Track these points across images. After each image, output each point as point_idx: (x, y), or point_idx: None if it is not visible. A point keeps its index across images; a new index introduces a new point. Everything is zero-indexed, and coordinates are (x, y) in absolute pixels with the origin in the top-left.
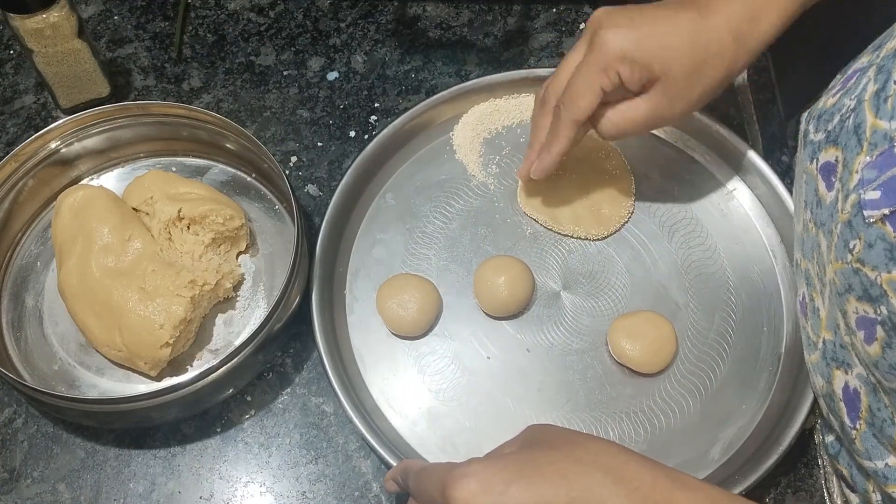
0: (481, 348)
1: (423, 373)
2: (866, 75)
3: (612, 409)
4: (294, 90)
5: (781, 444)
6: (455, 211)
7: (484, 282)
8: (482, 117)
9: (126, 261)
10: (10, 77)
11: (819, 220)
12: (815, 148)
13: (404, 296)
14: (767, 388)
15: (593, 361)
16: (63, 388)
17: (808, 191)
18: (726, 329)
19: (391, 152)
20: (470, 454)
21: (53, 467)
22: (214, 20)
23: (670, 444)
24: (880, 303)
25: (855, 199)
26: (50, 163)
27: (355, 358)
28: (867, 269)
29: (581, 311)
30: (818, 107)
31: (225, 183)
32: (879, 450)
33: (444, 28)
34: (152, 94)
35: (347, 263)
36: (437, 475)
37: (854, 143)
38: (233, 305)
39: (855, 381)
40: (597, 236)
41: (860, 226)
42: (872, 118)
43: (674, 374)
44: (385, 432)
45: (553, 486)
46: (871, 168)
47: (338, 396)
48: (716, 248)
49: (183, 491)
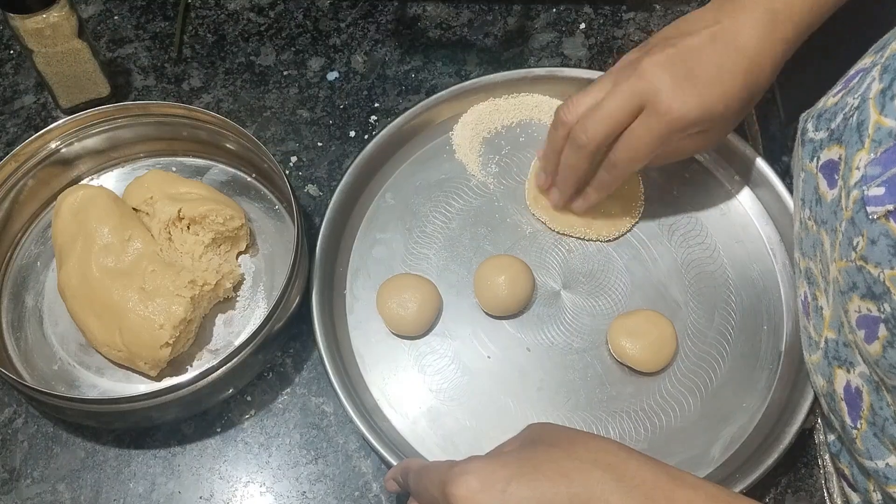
0: (481, 347)
1: (424, 372)
2: (870, 74)
3: (613, 407)
4: (294, 90)
5: (782, 443)
6: (455, 210)
7: (484, 281)
8: (482, 117)
9: (126, 261)
10: (10, 77)
11: (819, 218)
12: (816, 147)
13: (404, 295)
14: (768, 386)
15: (593, 360)
16: (63, 389)
17: (806, 189)
18: (726, 328)
19: (391, 152)
20: (470, 453)
21: (53, 467)
22: (214, 20)
23: (671, 442)
24: (884, 300)
25: (857, 195)
26: (50, 163)
27: (355, 357)
28: (870, 265)
29: (581, 311)
30: (818, 106)
31: (225, 183)
32: (880, 449)
33: (444, 28)
34: (152, 94)
35: (347, 263)
36: (437, 473)
37: (855, 139)
38: (233, 305)
39: (857, 380)
40: (608, 237)
41: (863, 222)
42: (877, 115)
43: (674, 372)
44: (385, 432)
45: (553, 483)
46: (875, 164)
47: (338, 396)
48: (716, 247)
49: (183, 491)
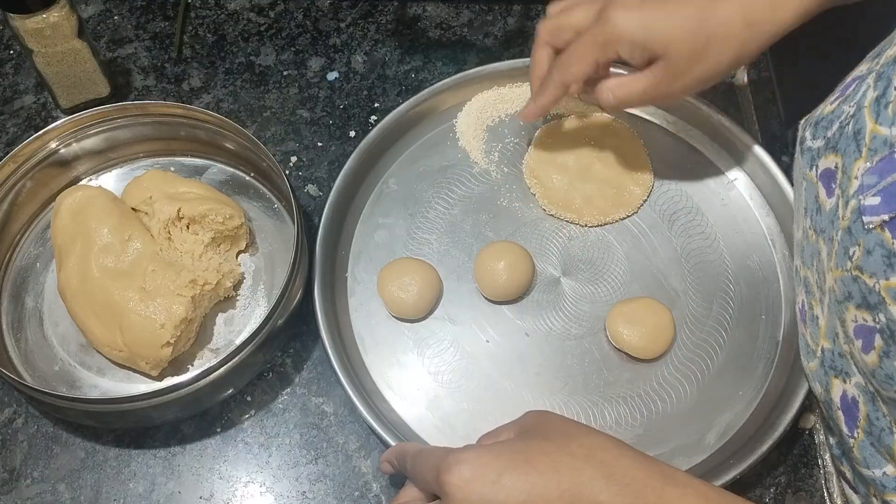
0: (481, 332)
1: (423, 355)
2: (865, 82)
3: (610, 393)
4: (294, 90)
5: (777, 430)
6: (457, 197)
7: (484, 266)
8: (486, 105)
9: (126, 261)
10: (10, 77)
11: (819, 227)
12: (814, 155)
13: (405, 279)
14: (764, 374)
15: (591, 346)
16: (64, 389)
17: (808, 198)
18: (724, 316)
19: (395, 138)
20: (468, 436)
21: (53, 467)
22: (214, 20)
23: (666, 428)
24: (879, 310)
25: (855, 204)
26: (49, 163)
27: (356, 339)
28: (865, 276)
29: (580, 297)
30: (815, 114)
31: (224, 182)
32: (877, 458)
33: (444, 28)
34: (152, 94)
35: (350, 247)
36: (432, 459)
37: (853, 148)
38: (233, 304)
39: (853, 390)
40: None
41: (859, 232)
42: (872, 124)
43: (671, 360)
44: (384, 413)
45: (544, 477)
46: (871, 174)
47: (337, 375)
48: (715, 237)
49: (183, 491)
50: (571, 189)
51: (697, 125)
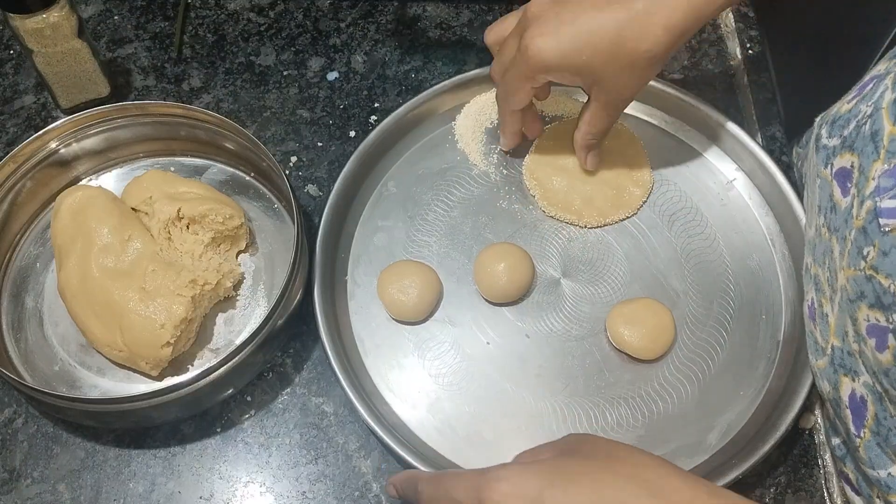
0: (481, 334)
1: (424, 358)
2: (884, 83)
3: (611, 394)
4: (294, 90)
5: (778, 430)
6: (456, 199)
7: (484, 268)
8: (484, 107)
9: (126, 261)
10: (10, 77)
11: (833, 225)
12: (830, 153)
13: (405, 281)
14: (765, 375)
15: (592, 348)
16: (64, 389)
17: (822, 196)
18: (725, 316)
19: (394, 141)
20: (469, 438)
21: (53, 467)
22: (214, 20)
23: (668, 429)
24: (893, 311)
25: (870, 205)
26: (48, 163)
27: (356, 342)
28: (881, 276)
29: (580, 298)
30: (832, 112)
31: (223, 182)
32: (883, 459)
33: (444, 28)
34: (152, 94)
35: (349, 250)
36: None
37: (871, 149)
38: (233, 304)
39: (862, 389)
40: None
41: (875, 233)
42: (891, 126)
43: (672, 360)
44: (385, 416)
45: (587, 495)
46: (889, 177)
47: (337, 377)
48: (715, 237)
49: (183, 491)
50: (571, 190)
51: (697, 126)
